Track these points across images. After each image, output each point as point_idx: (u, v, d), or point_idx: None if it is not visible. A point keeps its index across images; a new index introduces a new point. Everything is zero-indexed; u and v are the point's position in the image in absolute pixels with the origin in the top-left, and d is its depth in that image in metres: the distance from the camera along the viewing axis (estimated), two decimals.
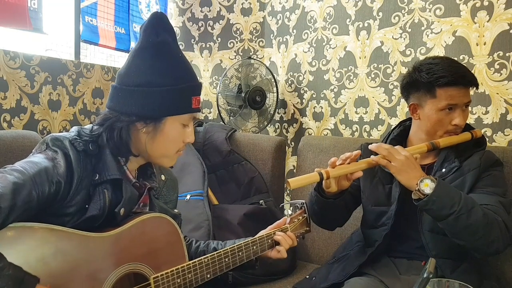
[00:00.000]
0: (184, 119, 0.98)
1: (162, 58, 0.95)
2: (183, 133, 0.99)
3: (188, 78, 0.98)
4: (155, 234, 0.98)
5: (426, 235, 1.23)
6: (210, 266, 1.04)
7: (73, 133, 0.94)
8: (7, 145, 1.40)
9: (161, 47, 0.95)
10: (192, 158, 1.92)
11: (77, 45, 2.04)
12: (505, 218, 1.12)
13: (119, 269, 0.91)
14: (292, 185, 1.14)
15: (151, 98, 0.93)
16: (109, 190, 0.93)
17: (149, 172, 1.08)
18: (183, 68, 0.98)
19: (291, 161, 2.36)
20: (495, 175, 1.22)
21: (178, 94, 0.95)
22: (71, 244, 0.85)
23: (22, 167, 0.82)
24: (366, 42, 2.06)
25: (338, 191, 1.24)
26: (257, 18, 2.46)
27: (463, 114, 1.24)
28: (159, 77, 0.93)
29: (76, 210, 0.88)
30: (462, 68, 1.24)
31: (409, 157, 1.16)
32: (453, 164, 1.24)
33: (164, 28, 0.97)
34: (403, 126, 1.40)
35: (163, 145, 0.97)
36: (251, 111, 2.29)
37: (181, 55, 0.99)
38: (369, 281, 1.24)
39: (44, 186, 0.82)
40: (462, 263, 1.21)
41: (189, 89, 0.97)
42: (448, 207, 1.08)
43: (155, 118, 0.94)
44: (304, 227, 1.29)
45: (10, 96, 1.64)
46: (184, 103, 0.96)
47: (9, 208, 0.76)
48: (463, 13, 1.77)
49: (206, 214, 1.72)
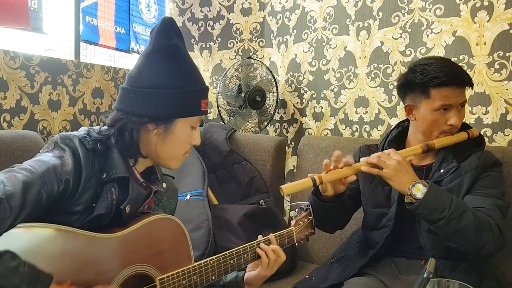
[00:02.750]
0: (193, 121, 1.00)
1: (174, 60, 0.96)
2: (191, 135, 1.01)
3: (198, 81, 1.00)
4: (162, 235, 0.99)
5: (424, 235, 1.23)
6: (215, 268, 1.04)
7: (83, 132, 0.94)
8: (7, 145, 1.40)
9: (174, 50, 0.96)
10: (192, 158, 1.92)
11: (77, 45, 2.04)
12: (499, 221, 1.13)
13: (126, 270, 0.91)
14: (284, 191, 1.14)
15: (164, 100, 0.94)
16: (116, 189, 0.93)
17: (153, 177, 1.08)
18: (193, 71, 1.00)
19: (291, 161, 2.36)
20: (493, 176, 1.22)
21: (189, 96, 0.96)
22: (78, 244, 0.85)
23: (31, 166, 0.82)
24: (366, 42, 2.06)
25: (335, 195, 1.25)
26: (257, 18, 2.46)
27: (458, 114, 1.23)
28: (172, 79, 0.95)
29: (83, 208, 0.89)
30: (456, 68, 1.24)
31: (401, 161, 1.15)
32: (451, 164, 1.24)
33: (175, 32, 0.99)
34: (401, 127, 1.40)
35: (173, 147, 0.99)
36: (251, 111, 2.29)
37: (191, 59, 1.01)
38: (369, 281, 1.25)
39: (53, 185, 0.82)
40: (461, 263, 1.21)
41: (199, 91, 0.99)
42: (438, 212, 1.09)
43: (166, 119, 0.96)
44: (309, 229, 1.29)
45: (10, 96, 1.64)
46: (194, 105, 0.98)
47: (19, 207, 0.76)
48: (463, 13, 1.77)
49: (206, 214, 1.72)
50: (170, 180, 1.18)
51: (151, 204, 1.04)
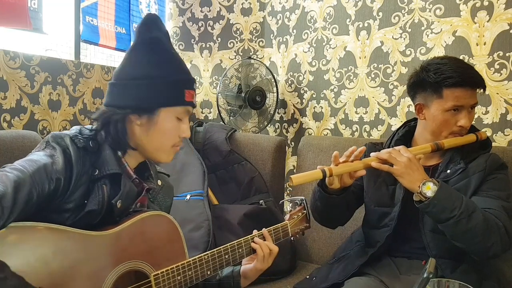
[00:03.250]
0: (178, 112, 0.99)
1: (155, 53, 0.98)
2: (178, 127, 1.00)
3: (180, 71, 1.00)
4: (155, 232, 0.99)
5: (428, 235, 1.23)
6: (210, 263, 1.04)
7: (74, 130, 0.96)
8: (7, 145, 1.40)
9: (154, 42, 0.98)
10: (192, 158, 1.92)
11: (77, 45, 2.03)
12: (507, 223, 1.12)
13: (119, 267, 0.91)
14: (294, 182, 1.14)
15: (145, 90, 0.95)
16: (108, 186, 0.94)
17: (147, 174, 1.08)
18: (175, 62, 1.00)
19: (291, 161, 2.36)
20: (500, 179, 1.21)
21: (170, 86, 0.97)
22: (71, 243, 0.85)
23: (21, 165, 0.83)
24: (366, 42, 2.06)
25: (341, 188, 1.24)
26: (257, 18, 2.46)
27: (469, 115, 1.23)
28: (152, 69, 0.96)
29: (75, 206, 0.89)
30: (470, 69, 1.23)
31: (412, 158, 1.15)
32: (459, 165, 1.23)
33: (157, 26, 1.00)
34: (408, 127, 1.39)
35: (158, 138, 0.98)
36: (251, 111, 2.29)
37: (174, 51, 1.01)
38: (369, 281, 1.24)
39: (44, 184, 0.83)
40: (462, 263, 1.21)
41: (181, 81, 0.99)
42: (448, 211, 1.08)
43: (148, 109, 0.96)
44: (304, 223, 1.30)
45: (10, 96, 1.64)
46: (176, 94, 0.98)
47: (11, 207, 0.76)
48: (463, 13, 1.77)
49: (206, 214, 1.73)
50: (165, 178, 1.18)
51: (144, 201, 1.04)
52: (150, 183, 1.06)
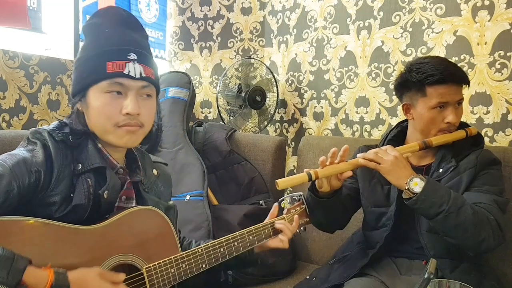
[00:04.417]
0: (104, 87, 0.93)
1: (87, 37, 0.99)
2: (114, 104, 0.94)
3: (104, 45, 0.95)
4: (144, 226, 0.99)
5: (424, 235, 1.23)
6: (204, 256, 1.04)
7: (53, 125, 0.97)
8: (6, 145, 1.40)
9: (88, 29, 0.99)
10: (192, 158, 1.92)
11: (77, 45, 2.02)
12: (499, 216, 1.13)
13: (109, 260, 0.91)
14: (280, 185, 1.16)
15: (74, 75, 0.98)
16: (92, 179, 0.94)
17: (134, 166, 1.07)
18: (102, 38, 0.96)
19: (291, 161, 2.36)
20: (492, 174, 1.22)
21: (89, 62, 0.95)
22: (59, 237, 0.85)
23: (1, 159, 0.84)
24: (366, 42, 2.05)
25: (331, 191, 1.25)
26: (257, 18, 2.45)
27: (455, 111, 1.24)
28: (80, 53, 0.98)
29: (61, 199, 0.89)
30: (451, 66, 1.25)
31: (398, 156, 1.17)
32: (450, 163, 1.24)
33: (102, 14, 1.00)
34: (400, 127, 1.41)
35: (96, 120, 0.95)
36: (251, 111, 2.29)
37: (108, 30, 0.97)
38: (369, 281, 1.24)
39: (24, 176, 0.84)
40: (461, 263, 1.21)
41: (101, 54, 0.94)
42: (437, 206, 1.09)
43: (80, 93, 0.97)
44: (304, 218, 1.30)
45: (9, 96, 1.64)
46: (96, 69, 0.93)
47: None
48: (464, 13, 1.77)
49: (206, 215, 1.72)
50: (162, 167, 1.18)
51: (130, 195, 1.03)
52: (136, 176, 1.05)
